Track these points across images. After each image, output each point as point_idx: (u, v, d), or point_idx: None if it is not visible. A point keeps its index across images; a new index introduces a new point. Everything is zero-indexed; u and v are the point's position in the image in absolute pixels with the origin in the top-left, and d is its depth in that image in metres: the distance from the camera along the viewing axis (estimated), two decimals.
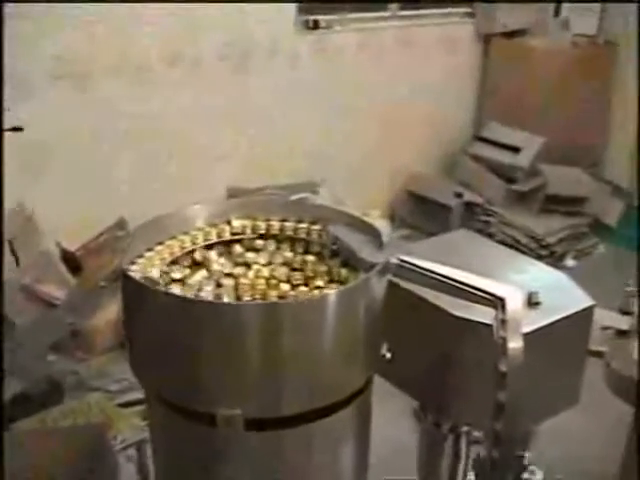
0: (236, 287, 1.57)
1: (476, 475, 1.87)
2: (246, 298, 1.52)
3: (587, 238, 5.79)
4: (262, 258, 1.67)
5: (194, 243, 1.66)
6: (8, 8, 2.64)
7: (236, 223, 1.72)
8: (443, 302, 1.57)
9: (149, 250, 1.61)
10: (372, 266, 1.45)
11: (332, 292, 1.39)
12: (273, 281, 1.58)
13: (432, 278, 1.53)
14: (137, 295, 1.44)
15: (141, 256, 1.58)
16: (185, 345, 1.39)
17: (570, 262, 5.53)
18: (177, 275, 1.58)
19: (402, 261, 1.55)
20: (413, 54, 5.71)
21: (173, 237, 1.66)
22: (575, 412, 1.98)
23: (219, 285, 1.58)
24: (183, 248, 1.65)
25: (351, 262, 1.57)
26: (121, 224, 4.07)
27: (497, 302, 1.44)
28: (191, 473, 1.55)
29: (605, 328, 2.98)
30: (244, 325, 1.35)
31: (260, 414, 1.41)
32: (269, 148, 5.15)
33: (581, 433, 3.56)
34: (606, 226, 5.99)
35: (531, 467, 1.83)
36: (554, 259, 5.43)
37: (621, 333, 2.99)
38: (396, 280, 1.57)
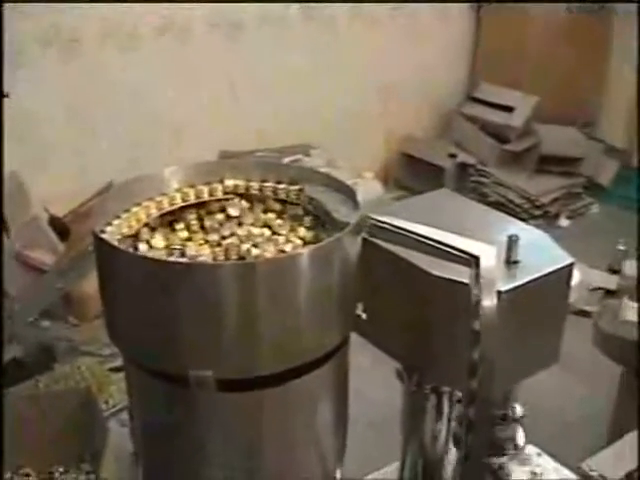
0: (211, 248, 1.55)
1: (454, 435, 1.87)
2: (220, 258, 1.51)
3: (581, 198, 5.78)
4: (237, 219, 1.66)
5: (171, 204, 1.64)
6: None
7: (215, 185, 1.70)
8: (420, 261, 1.55)
9: (125, 212, 1.59)
10: (346, 225, 1.44)
11: (304, 251, 1.38)
12: (248, 242, 1.56)
13: (407, 237, 1.52)
14: (110, 257, 1.43)
15: (117, 217, 1.57)
16: (157, 307, 1.38)
17: (564, 222, 5.52)
18: (151, 237, 1.57)
19: (377, 220, 1.54)
20: (406, 18, 5.66)
21: (150, 199, 1.64)
22: (563, 372, 1.98)
23: (194, 246, 1.56)
24: (160, 209, 1.63)
25: (327, 222, 1.56)
26: (109, 189, 4.05)
27: (471, 260, 1.43)
28: (167, 436, 1.54)
29: (594, 289, 2.98)
30: (216, 285, 1.34)
31: (233, 375, 1.40)
32: (262, 112, 5.13)
33: (568, 391, 3.57)
34: (600, 186, 5.98)
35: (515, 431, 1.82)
36: (548, 219, 5.43)
37: (610, 293, 2.99)
38: (372, 239, 1.56)
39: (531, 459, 1.95)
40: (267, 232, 1.61)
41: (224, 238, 1.59)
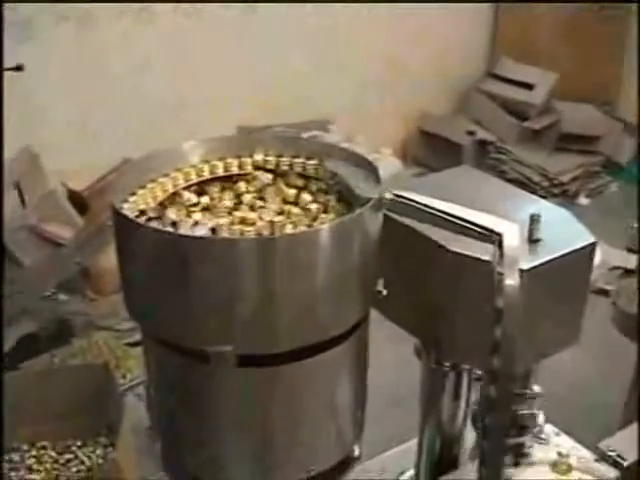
0: (230, 223, 1.54)
1: (473, 413, 1.87)
2: (239, 233, 1.50)
3: (600, 177, 5.74)
4: (256, 193, 1.64)
5: (187, 180, 1.63)
6: None
7: (231, 159, 1.68)
8: (441, 237, 1.54)
9: (142, 187, 1.58)
10: (367, 201, 1.42)
11: (325, 226, 1.37)
12: (267, 216, 1.55)
13: (428, 213, 1.50)
14: (129, 232, 1.42)
15: (134, 193, 1.56)
16: (177, 282, 1.37)
17: (583, 200, 5.49)
18: (170, 212, 1.56)
19: (398, 196, 1.53)
20: None
21: (166, 174, 1.63)
22: (581, 351, 1.97)
23: (213, 221, 1.55)
24: (176, 185, 1.62)
25: (348, 198, 1.54)
26: (125, 165, 4.05)
27: (494, 238, 1.41)
28: (185, 410, 1.54)
29: (613, 268, 2.96)
30: (236, 260, 1.33)
31: (252, 350, 1.40)
32: (281, 87, 5.12)
33: (586, 370, 3.56)
34: (619, 164, 5.94)
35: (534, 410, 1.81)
36: (567, 197, 5.40)
37: (628, 272, 2.97)
38: (393, 215, 1.55)
39: (550, 438, 1.94)
40: (287, 207, 1.59)
41: (243, 213, 1.58)
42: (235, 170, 1.68)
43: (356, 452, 1.68)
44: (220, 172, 1.67)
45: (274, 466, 1.56)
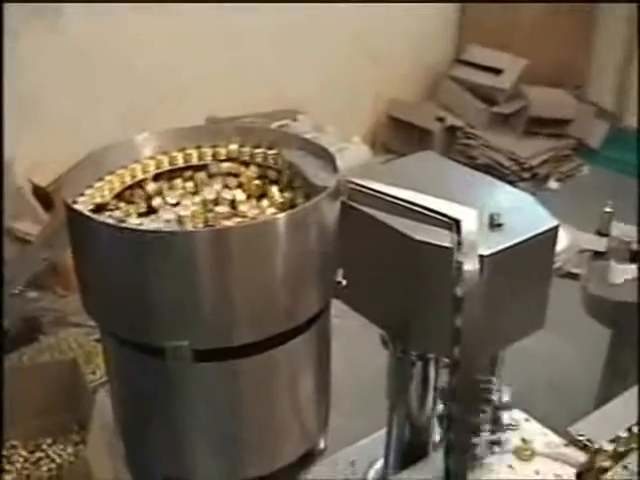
0: (189, 216, 1.51)
1: (444, 403, 1.85)
2: (196, 226, 1.47)
3: (571, 160, 5.75)
4: (212, 184, 1.62)
5: (145, 172, 1.60)
6: None
7: (189, 150, 1.65)
8: (401, 225, 1.52)
9: (99, 180, 1.55)
10: (324, 190, 1.40)
11: (281, 215, 1.34)
12: (224, 207, 1.52)
13: (388, 201, 1.48)
14: (81, 227, 1.39)
15: (90, 187, 1.52)
16: (130, 277, 1.34)
17: (553, 184, 5.50)
18: (124, 205, 1.53)
19: (357, 184, 1.50)
20: None
21: (124, 167, 1.59)
22: (551, 335, 1.96)
23: (168, 213, 1.52)
24: (134, 177, 1.59)
25: (305, 187, 1.52)
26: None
27: (452, 224, 1.39)
28: (146, 408, 1.52)
29: (582, 250, 2.95)
30: (190, 253, 1.30)
31: (210, 344, 1.37)
32: (251, 78, 5.09)
33: (557, 354, 3.56)
34: (590, 148, 5.94)
35: (499, 388, 1.79)
36: (537, 182, 5.40)
37: (598, 254, 2.96)
38: (352, 204, 1.52)
39: (519, 425, 1.93)
40: (245, 199, 1.56)
41: (198, 205, 1.55)
42: (194, 161, 1.65)
43: (321, 444, 1.66)
44: (180, 163, 1.64)
45: (237, 461, 1.54)
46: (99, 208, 1.49)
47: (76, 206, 1.42)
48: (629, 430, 1.89)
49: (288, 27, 5.18)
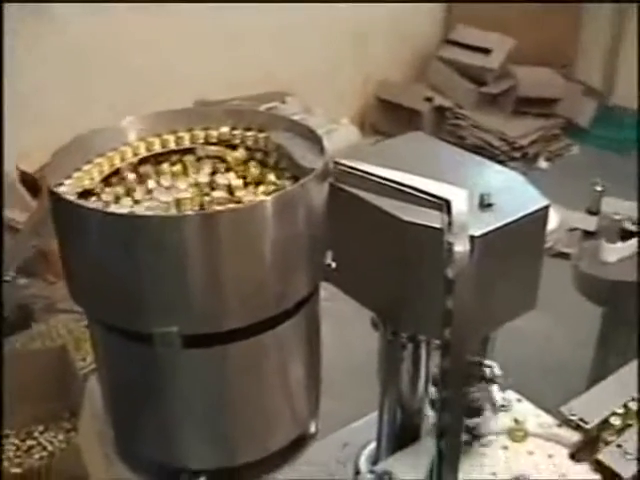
0: (177, 202, 1.49)
1: (435, 385, 1.84)
2: (193, 209, 1.45)
3: (560, 139, 5.75)
4: (200, 169, 1.59)
5: (128, 158, 1.58)
6: None
7: (181, 133, 1.63)
8: (390, 206, 1.50)
9: (87, 163, 1.52)
10: (311, 171, 1.38)
11: (268, 198, 1.32)
12: (221, 193, 1.50)
13: (376, 182, 1.46)
14: (65, 213, 1.37)
15: (76, 171, 1.50)
16: (117, 262, 1.32)
17: (543, 164, 5.50)
18: (110, 190, 1.51)
19: (345, 166, 1.48)
20: None
21: (110, 151, 1.57)
22: (543, 315, 1.95)
23: (156, 199, 1.50)
24: (117, 163, 1.56)
25: (292, 169, 1.50)
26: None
27: (442, 204, 1.38)
28: (135, 394, 1.50)
29: (573, 229, 2.94)
30: (177, 238, 1.28)
31: (199, 330, 1.35)
32: (239, 61, 5.07)
33: (549, 334, 3.56)
34: (579, 127, 5.94)
35: (490, 364, 1.78)
36: (527, 161, 5.40)
37: (588, 234, 2.96)
38: (340, 185, 1.50)
39: (511, 405, 1.92)
40: (234, 182, 1.54)
41: (187, 189, 1.53)
42: (185, 144, 1.63)
43: (312, 429, 1.65)
44: (171, 146, 1.62)
45: (228, 447, 1.53)
46: (86, 193, 1.47)
47: (61, 189, 1.40)
48: (625, 406, 1.89)
49: (276, 10, 5.15)
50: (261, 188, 1.51)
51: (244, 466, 1.55)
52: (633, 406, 1.89)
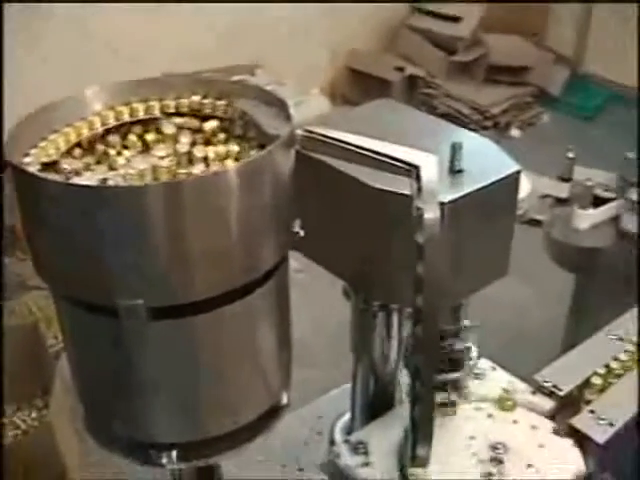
0: (165, 166, 1.46)
1: (408, 354, 1.82)
2: (149, 180, 1.42)
3: (531, 108, 5.74)
4: (165, 138, 1.56)
5: (92, 129, 1.54)
6: None
7: (137, 104, 1.60)
8: (359, 173, 1.48)
9: (43, 139, 1.49)
10: (277, 138, 1.35)
11: (232, 167, 1.30)
12: (177, 161, 1.47)
13: (344, 149, 1.44)
14: (26, 186, 1.34)
15: (35, 146, 1.47)
16: (80, 235, 1.29)
17: (515, 132, 5.49)
18: (71, 163, 1.47)
19: (312, 132, 1.46)
20: None
21: (71, 124, 1.54)
22: (515, 282, 1.93)
23: (142, 164, 1.47)
24: (80, 134, 1.53)
25: (259, 137, 1.47)
26: None
27: (412, 170, 1.35)
28: (103, 369, 1.48)
29: (544, 196, 2.94)
30: (140, 208, 1.25)
31: (165, 302, 1.33)
32: (208, 33, 5.03)
33: (521, 301, 3.56)
34: (550, 95, 5.93)
35: (464, 342, 1.77)
36: (498, 130, 5.39)
37: (560, 201, 2.96)
38: (308, 153, 1.48)
39: (485, 373, 1.91)
40: (198, 150, 1.51)
41: (151, 159, 1.50)
42: (142, 115, 1.59)
43: (284, 400, 1.64)
44: (126, 118, 1.58)
45: (199, 419, 1.51)
46: (49, 165, 1.44)
47: (26, 159, 1.37)
48: (607, 366, 1.89)
49: None
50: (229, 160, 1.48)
51: (216, 438, 1.53)
52: (615, 365, 1.89)
